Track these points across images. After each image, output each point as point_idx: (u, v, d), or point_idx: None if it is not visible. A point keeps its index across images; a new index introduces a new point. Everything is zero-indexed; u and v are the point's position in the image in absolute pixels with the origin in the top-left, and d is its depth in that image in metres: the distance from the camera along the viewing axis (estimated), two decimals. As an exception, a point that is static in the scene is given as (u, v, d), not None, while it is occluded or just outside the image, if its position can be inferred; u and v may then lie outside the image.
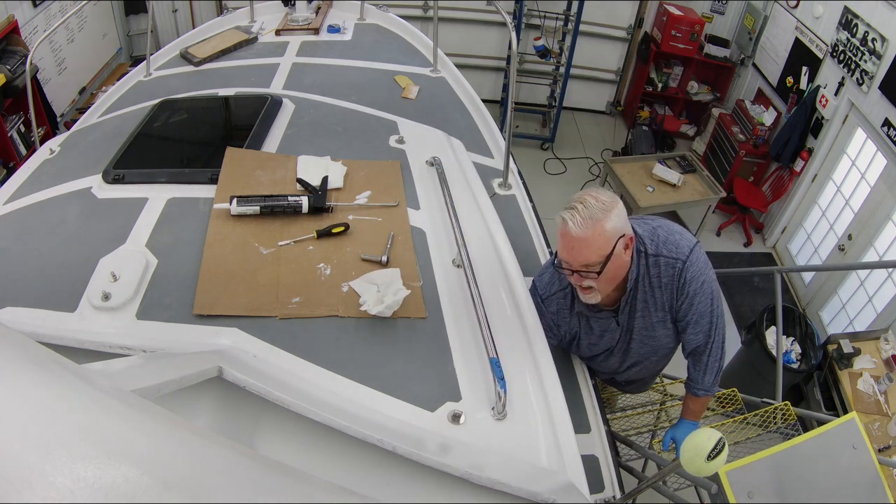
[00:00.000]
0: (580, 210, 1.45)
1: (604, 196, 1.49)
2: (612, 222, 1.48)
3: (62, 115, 5.57)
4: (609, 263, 1.51)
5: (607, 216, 1.47)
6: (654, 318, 1.74)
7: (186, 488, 0.54)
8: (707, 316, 1.70)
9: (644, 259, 1.65)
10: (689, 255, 1.63)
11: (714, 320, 1.72)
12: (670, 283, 1.65)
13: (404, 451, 1.13)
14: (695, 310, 1.68)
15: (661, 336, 1.80)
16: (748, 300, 5.26)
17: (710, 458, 1.09)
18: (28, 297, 1.47)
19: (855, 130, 4.72)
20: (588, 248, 1.48)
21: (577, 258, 1.50)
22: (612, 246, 1.49)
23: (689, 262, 1.62)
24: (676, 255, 1.63)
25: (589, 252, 1.48)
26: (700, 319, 1.70)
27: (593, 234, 1.46)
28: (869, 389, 3.63)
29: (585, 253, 1.48)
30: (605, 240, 1.48)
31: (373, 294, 1.50)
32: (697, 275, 1.63)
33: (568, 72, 6.43)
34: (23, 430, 0.51)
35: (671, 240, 1.64)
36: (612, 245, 1.49)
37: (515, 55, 2.22)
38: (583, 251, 1.48)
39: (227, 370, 1.19)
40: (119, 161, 1.94)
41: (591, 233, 1.46)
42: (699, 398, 1.93)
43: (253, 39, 3.19)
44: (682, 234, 1.69)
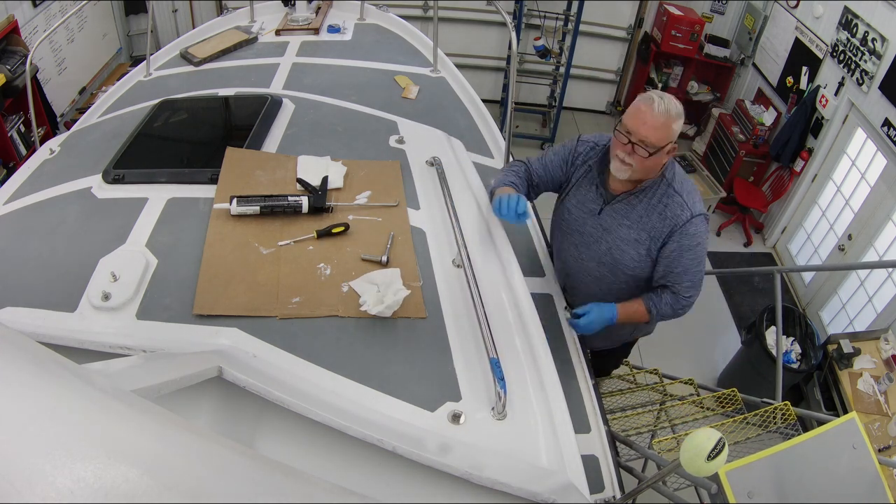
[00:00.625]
0: (665, 102, 1.71)
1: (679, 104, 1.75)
2: (678, 125, 1.74)
3: (62, 115, 5.57)
4: (658, 152, 1.74)
5: (678, 120, 1.74)
6: (634, 235, 1.90)
7: (186, 488, 0.54)
8: (691, 272, 1.89)
9: (665, 187, 1.85)
10: (698, 216, 1.84)
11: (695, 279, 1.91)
12: (671, 222, 1.84)
13: (404, 451, 1.13)
14: (682, 263, 1.87)
15: (627, 255, 1.94)
16: (748, 300, 5.26)
17: (710, 458, 1.09)
18: (28, 297, 1.47)
19: (855, 130, 4.72)
20: (657, 129, 1.71)
21: (643, 132, 1.72)
22: (668, 141, 1.74)
23: (696, 220, 1.83)
24: (691, 207, 1.83)
25: (655, 132, 1.71)
26: (684, 273, 1.89)
27: (667, 121, 1.71)
28: (869, 389, 3.63)
29: (652, 132, 1.71)
30: (669, 132, 1.73)
31: (373, 294, 1.50)
32: (697, 234, 1.84)
33: (568, 72, 6.43)
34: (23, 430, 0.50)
35: (693, 196, 1.86)
36: (669, 140, 1.74)
37: (515, 55, 2.22)
38: (652, 130, 1.72)
39: (227, 370, 1.19)
40: (119, 161, 1.94)
41: (666, 120, 1.71)
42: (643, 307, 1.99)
43: (253, 39, 3.19)
44: (701, 201, 1.90)
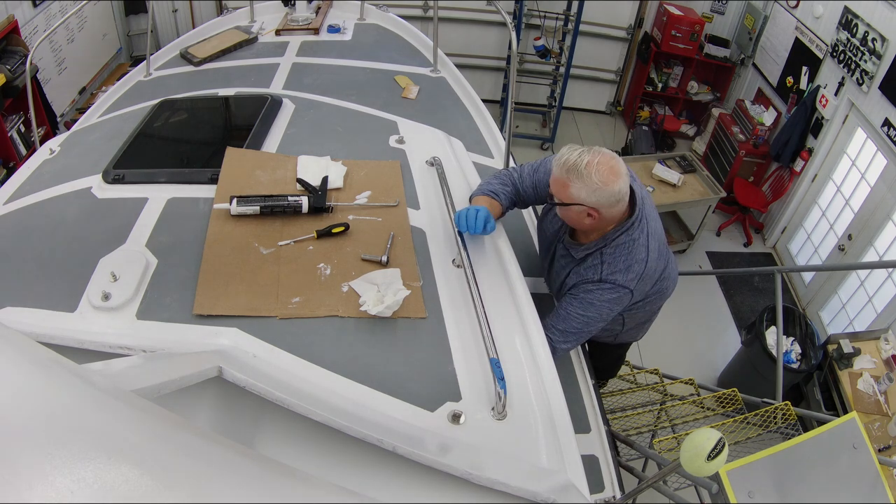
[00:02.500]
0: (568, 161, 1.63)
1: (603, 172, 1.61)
2: (576, 191, 1.64)
3: (62, 115, 5.57)
4: (563, 208, 1.72)
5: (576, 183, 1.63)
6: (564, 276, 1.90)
7: (186, 488, 0.54)
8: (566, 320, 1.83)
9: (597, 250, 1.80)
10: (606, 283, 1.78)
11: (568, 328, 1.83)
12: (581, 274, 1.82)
13: (404, 451, 1.13)
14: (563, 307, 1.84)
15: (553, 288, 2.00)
16: (748, 300, 5.26)
17: (710, 458, 1.09)
18: (28, 297, 1.47)
19: (855, 130, 4.72)
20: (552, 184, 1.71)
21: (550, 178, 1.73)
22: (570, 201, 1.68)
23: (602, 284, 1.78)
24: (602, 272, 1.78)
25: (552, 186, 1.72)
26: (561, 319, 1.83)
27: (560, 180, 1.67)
28: (869, 389, 3.63)
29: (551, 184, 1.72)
30: (563, 192, 1.67)
31: (373, 294, 1.50)
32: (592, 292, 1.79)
33: (568, 72, 6.43)
34: (23, 430, 0.50)
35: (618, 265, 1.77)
36: (568, 200, 1.68)
37: (515, 55, 2.22)
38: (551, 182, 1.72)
39: (227, 370, 1.19)
40: (119, 161, 1.94)
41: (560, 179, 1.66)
42: None
43: (253, 39, 3.19)
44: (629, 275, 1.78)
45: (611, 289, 1.77)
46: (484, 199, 1.88)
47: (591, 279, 1.78)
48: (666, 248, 1.97)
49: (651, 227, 1.81)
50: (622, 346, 2.57)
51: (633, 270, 1.77)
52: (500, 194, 1.91)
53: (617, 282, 1.77)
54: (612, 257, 1.77)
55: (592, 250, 1.80)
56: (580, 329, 1.83)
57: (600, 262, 1.78)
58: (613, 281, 1.77)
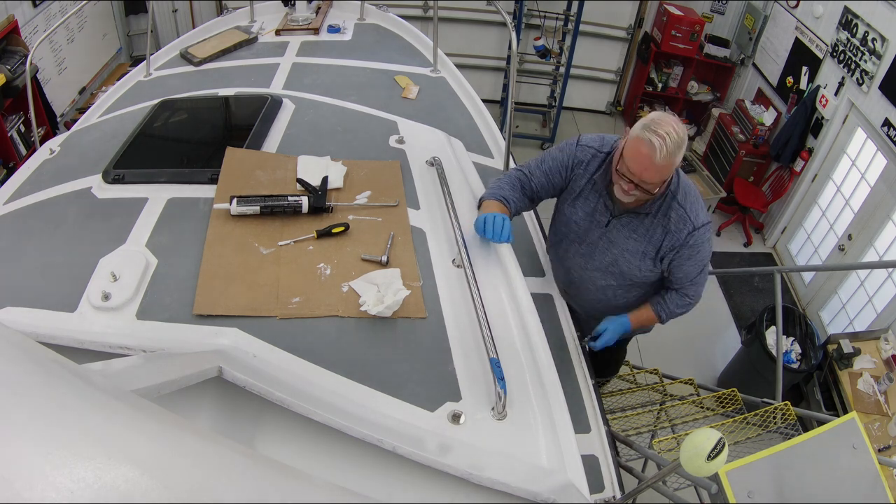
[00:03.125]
0: (667, 142, 1.61)
1: (680, 129, 1.64)
2: (682, 154, 1.67)
3: (62, 115, 5.57)
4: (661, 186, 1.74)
5: (681, 150, 1.65)
6: (639, 246, 1.92)
7: (186, 488, 0.54)
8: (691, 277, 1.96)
9: (670, 199, 1.84)
10: (700, 228, 1.85)
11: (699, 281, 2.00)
12: (674, 235, 1.86)
13: (404, 451, 1.13)
14: (686, 270, 1.93)
15: (632, 265, 1.96)
16: (748, 300, 5.26)
17: (710, 458, 1.09)
18: (28, 297, 1.47)
19: (855, 130, 4.72)
20: (659, 173, 1.67)
21: (645, 177, 1.68)
22: (671, 175, 1.73)
23: (698, 233, 1.85)
24: (693, 219, 1.84)
25: (658, 176, 1.68)
26: (685, 278, 1.97)
27: (669, 163, 1.65)
28: (869, 389, 3.63)
29: (655, 176, 1.68)
30: (672, 169, 1.70)
31: (373, 294, 1.50)
32: (698, 244, 1.87)
33: (568, 72, 6.43)
34: (23, 430, 0.50)
35: (696, 205, 1.87)
36: (671, 174, 1.72)
37: (515, 55, 2.22)
38: (656, 174, 1.68)
39: (227, 370, 1.19)
40: (119, 161, 1.94)
41: (668, 162, 1.65)
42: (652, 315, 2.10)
43: (253, 39, 3.19)
44: (704, 209, 1.91)
45: (705, 230, 1.87)
46: (495, 204, 1.86)
47: (686, 231, 1.84)
48: None
49: None
50: (624, 341, 2.58)
51: (702, 201, 1.90)
52: (510, 201, 1.91)
53: (707, 221, 1.88)
54: (687, 202, 1.84)
55: (660, 201, 1.84)
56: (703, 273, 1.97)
57: (685, 213, 1.84)
58: (704, 222, 1.87)
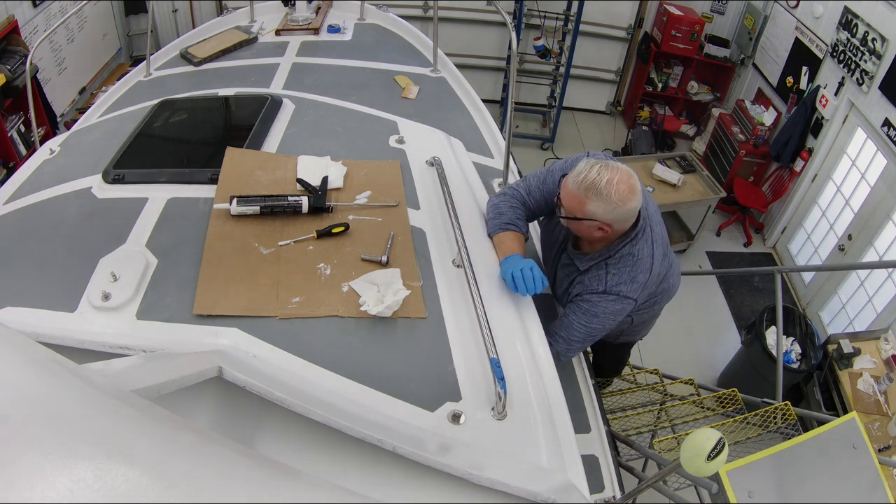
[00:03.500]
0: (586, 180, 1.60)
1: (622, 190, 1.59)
2: (593, 207, 1.62)
3: (62, 115, 5.57)
4: (573, 221, 1.70)
5: (594, 201, 1.61)
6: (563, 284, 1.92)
7: (186, 488, 0.54)
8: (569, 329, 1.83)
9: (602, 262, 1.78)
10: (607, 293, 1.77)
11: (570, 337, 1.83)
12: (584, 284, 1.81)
13: (404, 451, 1.13)
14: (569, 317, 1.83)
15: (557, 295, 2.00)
16: (748, 300, 5.26)
17: (710, 458, 1.09)
18: (28, 297, 1.47)
19: (855, 130, 4.72)
20: (565, 198, 1.68)
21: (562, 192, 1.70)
22: (583, 216, 1.66)
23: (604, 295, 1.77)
24: (606, 282, 1.77)
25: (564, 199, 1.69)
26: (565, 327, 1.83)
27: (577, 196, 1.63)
28: (869, 389, 3.63)
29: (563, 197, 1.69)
30: (579, 207, 1.65)
31: (373, 294, 1.50)
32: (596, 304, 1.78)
33: (568, 72, 6.43)
34: (23, 430, 0.50)
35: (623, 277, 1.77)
36: (581, 215, 1.66)
37: (515, 55, 2.22)
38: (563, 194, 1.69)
39: (227, 370, 1.19)
40: (119, 161, 1.94)
41: (577, 195, 1.63)
42: None
43: (253, 39, 3.19)
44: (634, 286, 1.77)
45: (615, 300, 1.77)
46: (509, 237, 1.81)
47: (595, 290, 1.77)
48: (668, 248, 1.95)
49: (655, 234, 1.80)
50: (626, 344, 2.58)
51: (638, 281, 1.77)
52: (519, 225, 1.87)
53: (621, 293, 1.76)
54: (616, 268, 1.76)
55: (597, 260, 1.79)
56: (584, 338, 1.83)
57: (605, 273, 1.77)
58: (618, 292, 1.76)
